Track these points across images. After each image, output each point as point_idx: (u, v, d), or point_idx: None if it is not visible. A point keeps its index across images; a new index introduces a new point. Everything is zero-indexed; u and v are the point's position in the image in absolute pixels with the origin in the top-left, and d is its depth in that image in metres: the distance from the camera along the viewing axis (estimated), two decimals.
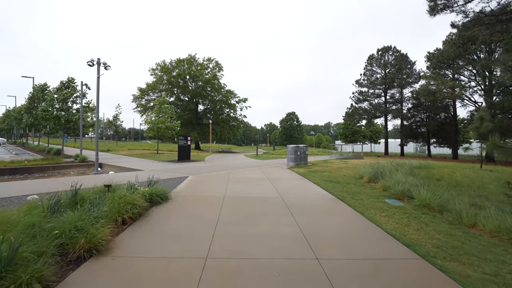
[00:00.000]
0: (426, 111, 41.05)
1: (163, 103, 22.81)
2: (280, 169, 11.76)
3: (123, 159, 17.32)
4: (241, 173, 10.22)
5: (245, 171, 10.62)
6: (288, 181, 8.57)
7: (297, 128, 73.35)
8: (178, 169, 11.30)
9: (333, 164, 14.89)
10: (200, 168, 11.88)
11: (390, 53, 40.16)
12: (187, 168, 11.82)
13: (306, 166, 12.85)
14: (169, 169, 11.52)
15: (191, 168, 12.08)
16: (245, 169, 11.34)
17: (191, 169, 11.60)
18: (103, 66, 10.68)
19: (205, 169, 11.69)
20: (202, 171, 10.72)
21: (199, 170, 11.17)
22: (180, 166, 12.86)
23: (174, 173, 9.81)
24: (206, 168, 11.93)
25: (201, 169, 11.65)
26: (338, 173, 10.98)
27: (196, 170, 11.15)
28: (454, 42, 27.83)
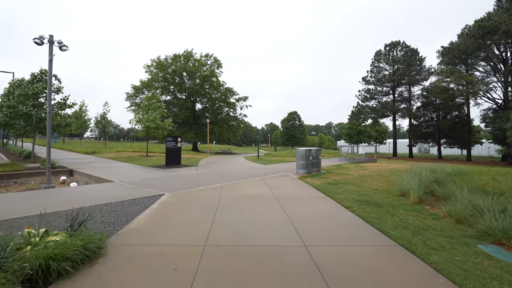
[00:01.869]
0: (437, 110, 38.37)
1: (152, 99, 20.15)
2: (289, 179, 9.10)
3: (103, 164, 14.70)
4: (238, 187, 7.56)
5: (243, 184, 7.96)
6: (306, 203, 5.89)
7: (299, 128, 70.56)
8: (157, 181, 8.66)
9: (351, 171, 12.24)
10: (187, 179, 9.24)
11: (398, 49, 37.49)
12: (170, 179, 9.17)
13: (320, 175, 10.19)
14: (147, 179, 8.88)
15: (176, 178, 9.44)
16: (244, 181, 8.68)
17: (175, 180, 8.95)
18: (58, 46, 8.03)
19: (193, 179, 9.04)
20: (187, 183, 8.07)
21: (184, 181, 8.52)
22: (163, 175, 10.21)
23: (148, 187, 7.17)
24: (194, 179, 9.28)
25: (187, 179, 9.00)
26: (366, 185, 8.32)
27: (181, 181, 8.51)
28: (473, 34, 25.12)
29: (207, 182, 8.16)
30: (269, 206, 5.39)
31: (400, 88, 38.83)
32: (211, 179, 8.92)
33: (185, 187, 7.21)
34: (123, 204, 5.29)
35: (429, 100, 38.34)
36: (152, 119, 19.59)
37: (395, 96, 37.98)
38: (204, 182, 8.31)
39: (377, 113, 36.30)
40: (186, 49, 34.70)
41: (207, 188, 7.14)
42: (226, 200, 5.83)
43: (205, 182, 8.31)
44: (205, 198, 5.96)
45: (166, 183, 8.09)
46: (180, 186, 7.38)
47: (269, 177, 9.55)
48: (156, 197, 6.00)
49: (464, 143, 36.94)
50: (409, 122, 39.84)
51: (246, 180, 8.73)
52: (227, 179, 9.00)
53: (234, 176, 9.72)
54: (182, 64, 33.93)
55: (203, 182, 8.18)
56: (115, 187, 7.37)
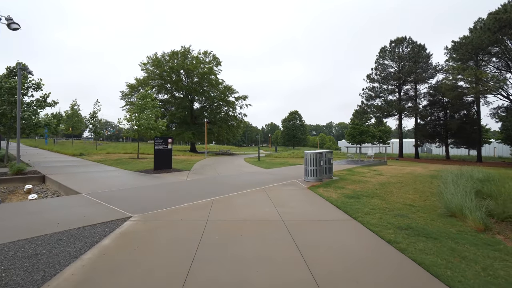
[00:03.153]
0: (444, 109, 36.56)
1: (145, 97, 18.41)
2: (297, 191, 7.35)
3: (86, 168, 12.98)
4: (233, 204, 5.81)
5: (240, 199, 6.19)
6: (328, 232, 4.10)
7: (300, 128, 68.65)
8: (134, 192, 6.90)
9: (366, 176, 10.49)
10: (172, 190, 7.49)
11: (404, 45, 35.67)
12: (151, 190, 7.42)
13: (333, 183, 8.44)
14: (123, 190, 7.13)
15: (159, 188, 7.69)
16: (242, 193, 6.91)
17: (157, 191, 7.20)
18: (6, 22, 6.29)
19: (179, 191, 7.29)
20: (169, 198, 6.33)
21: (166, 195, 6.78)
22: (145, 183, 8.47)
23: (116, 204, 5.42)
24: (180, 189, 7.53)
25: (171, 191, 7.25)
26: (395, 198, 6.56)
27: (162, 195, 6.77)
28: (489, 27, 23.32)
29: (195, 195, 6.42)
30: (276, 241, 3.63)
31: (406, 86, 37.05)
32: (201, 190, 7.18)
33: (163, 204, 5.47)
34: (60, 239, 3.54)
35: (436, 99, 36.54)
36: (145, 118, 17.88)
37: (401, 95, 36.18)
38: (192, 194, 6.57)
39: (383, 112, 34.48)
40: (184, 46, 32.96)
41: (191, 207, 5.39)
42: (214, 229, 4.07)
43: (192, 194, 6.57)
44: (184, 227, 4.21)
45: (143, 196, 6.34)
46: (157, 203, 5.64)
47: (272, 186, 7.80)
48: (117, 223, 4.26)
49: (473, 143, 35.16)
50: (415, 122, 38.04)
51: (244, 192, 6.97)
52: (221, 189, 7.25)
53: (230, 185, 7.98)
54: (179, 61, 32.21)
55: (190, 195, 6.44)
56: (75, 204, 5.64)
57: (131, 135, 17.96)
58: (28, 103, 14.00)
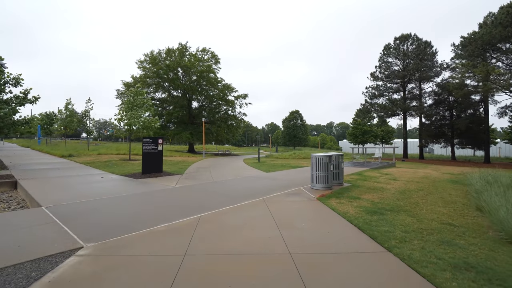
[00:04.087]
0: (450, 108, 35.23)
1: (137, 94, 17.13)
2: (305, 203, 6.05)
3: (69, 171, 11.71)
4: (224, 225, 4.51)
5: (234, 218, 4.88)
6: (358, 276, 2.82)
7: (301, 127, 67.21)
8: (109, 205, 5.61)
9: (380, 182, 9.20)
10: (153, 202, 6.21)
11: (409, 42, 34.36)
12: (129, 201, 6.14)
13: (346, 192, 7.15)
14: (95, 201, 5.83)
15: (138, 200, 6.41)
16: (237, 207, 5.62)
17: (134, 204, 5.92)
18: None
19: (161, 204, 6.01)
20: (144, 216, 5.04)
21: (143, 209, 5.49)
22: (126, 192, 7.16)
23: (74, 225, 4.14)
24: (163, 202, 6.25)
25: (152, 204, 5.96)
26: (425, 213, 5.27)
27: (138, 210, 5.48)
28: (500, 22, 22.01)
29: (179, 210, 5.14)
30: None
31: (411, 85, 35.75)
32: (187, 203, 5.90)
33: (134, 225, 4.18)
34: None
35: (441, 98, 35.24)
36: (136, 117, 16.61)
37: (405, 93, 34.87)
38: (175, 209, 5.29)
39: (387, 111, 33.14)
40: (180, 43, 31.66)
41: (169, 229, 4.10)
42: (192, 273, 2.77)
43: (176, 209, 5.29)
44: (149, 268, 2.91)
45: (114, 212, 5.06)
46: (128, 222, 4.36)
47: (274, 196, 6.51)
48: (55, 260, 2.98)
49: (479, 144, 33.87)
50: (419, 121, 36.75)
51: (240, 205, 5.68)
52: (212, 201, 5.97)
53: (224, 195, 6.69)
54: (177, 58, 30.92)
55: (172, 210, 5.16)
56: (23, 222, 4.36)
57: (122, 134, 16.68)
58: (6, 100, 12.72)
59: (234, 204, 5.65)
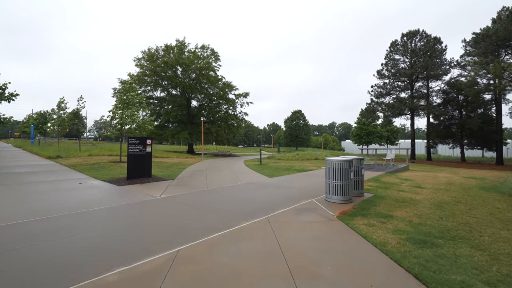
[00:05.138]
0: (460, 107, 33.61)
1: (129, 91, 15.70)
2: (323, 225, 4.55)
3: (45, 175, 10.29)
4: (211, 268, 3.02)
5: (227, 253, 3.40)
6: None
7: (303, 128, 65.55)
8: (61, 227, 4.10)
9: (405, 191, 7.69)
10: (121, 224, 4.73)
11: (417, 38, 32.76)
12: (92, 221, 4.65)
13: (372, 206, 5.66)
14: (47, 221, 4.36)
15: (104, 219, 4.94)
16: (232, 231, 4.13)
17: (95, 226, 4.43)
18: None
19: (130, 228, 4.52)
20: (98, 250, 3.57)
21: (102, 238, 4.03)
22: (96, 206, 5.67)
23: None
24: (133, 225, 4.78)
25: (118, 227, 4.49)
26: (492, 242, 3.78)
27: (94, 237, 4.01)
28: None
29: (150, 241, 3.67)
30: None
31: (418, 83, 34.15)
32: (166, 225, 4.42)
33: (76, 270, 2.73)
34: None
35: (450, 97, 33.64)
36: (129, 115, 15.22)
37: (413, 92, 33.28)
38: (145, 238, 3.82)
39: (394, 110, 31.54)
40: (178, 39, 30.26)
41: (125, 280, 2.64)
42: None
43: (146, 238, 3.82)
44: None
45: (57, 245, 3.60)
46: (70, 264, 2.91)
47: (281, 214, 5.02)
48: None
49: (491, 144, 32.24)
50: (427, 121, 35.14)
51: (236, 229, 4.19)
52: (199, 223, 4.50)
53: (216, 213, 5.22)
54: (175, 56, 29.51)
55: (140, 241, 3.68)
56: None
57: (113, 134, 15.28)
58: None
59: (228, 227, 4.18)
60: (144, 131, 15.59)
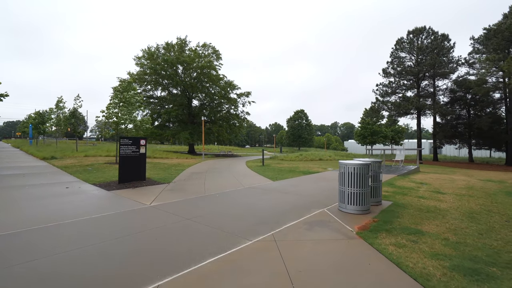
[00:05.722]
0: (467, 106, 32.57)
1: (126, 90, 14.96)
2: (343, 245, 3.73)
3: (34, 179, 9.57)
4: None
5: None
6: None
7: (306, 128, 64.49)
8: (13, 250, 3.37)
9: (425, 198, 6.83)
10: (91, 242, 3.94)
11: (424, 36, 31.76)
12: (53, 239, 3.87)
13: (394, 218, 4.81)
14: (2, 239, 3.65)
15: (71, 236, 4.14)
16: (229, 257, 3.32)
17: (57, 248, 3.66)
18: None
19: (101, 251, 3.71)
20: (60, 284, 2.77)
21: (51, 269, 3.22)
22: (75, 217, 4.86)
23: None
24: (107, 246, 3.96)
25: (86, 251, 3.69)
26: None
27: (39, 271, 3.21)
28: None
29: (121, 271, 2.87)
30: None
31: (425, 82, 33.15)
32: (150, 245, 3.60)
33: None
34: None
35: (458, 96, 32.61)
36: (126, 114, 14.46)
37: (419, 91, 32.28)
38: (116, 265, 3.01)
39: (401, 109, 30.56)
40: (179, 37, 29.52)
41: None
42: None
43: (118, 264, 3.01)
44: None
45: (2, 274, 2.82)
46: None
47: (289, 229, 4.19)
48: None
49: (500, 144, 31.18)
50: (433, 121, 34.11)
51: (235, 251, 3.38)
52: (189, 243, 3.69)
53: (212, 228, 4.41)
54: (175, 54, 28.77)
55: (106, 272, 2.89)
56: None
57: (107, 135, 14.53)
58: None
59: (225, 249, 3.36)
60: (142, 130, 14.83)
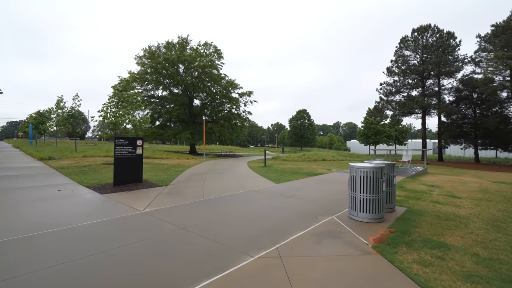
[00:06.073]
0: (474, 105, 31.89)
1: (125, 88, 14.53)
2: (359, 263, 3.24)
3: (24, 181, 9.16)
4: None
5: None
6: None
7: (309, 127, 63.86)
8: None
9: (441, 202, 6.31)
10: (66, 258, 3.48)
11: (428, 34, 31.11)
12: (28, 259, 3.44)
13: (412, 227, 4.30)
14: None
15: (40, 254, 3.70)
16: (226, 280, 2.83)
17: (16, 271, 3.21)
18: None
19: (75, 275, 3.28)
20: None
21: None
22: (56, 227, 4.42)
23: None
24: (84, 269, 3.51)
25: (62, 272, 3.24)
26: None
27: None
28: None
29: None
30: None
31: (429, 81, 32.50)
32: (133, 265, 3.14)
33: None
34: None
35: (463, 95, 31.92)
36: (125, 114, 14.04)
37: (424, 90, 31.63)
38: None
39: (405, 109, 29.94)
40: (181, 36, 29.11)
41: None
42: None
43: None
44: None
45: None
46: None
47: (296, 242, 3.69)
48: None
49: (507, 144, 30.50)
50: (438, 120, 33.47)
51: (233, 271, 2.89)
52: (181, 259, 3.21)
53: (208, 238, 3.92)
54: (177, 52, 28.35)
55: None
56: None
57: (105, 135, 14.13)
58: None
59: (223, 268, 2.88)
60: (141, 130, 14.41)
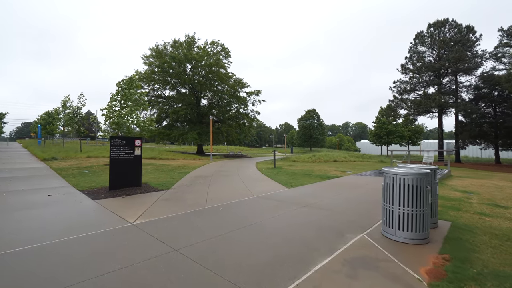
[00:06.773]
0: (494, 104, 30.07)
1: (129, 86, 13.87)
2: None
3: (19, 183, 8.55)
4: None
5: None
6: None
7: (318, 127, 62.42)
8: None
9: (487, 215, 5.21)
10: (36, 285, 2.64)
11: (446, 29, 29.50)
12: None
13: (469, 252, 3.29)
14: None
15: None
16: None
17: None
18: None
19: None
20: None
21: None
22: (30, 244, 3.68)
23: None
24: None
25: None
26: None
27: None
28: None
29: None
30: None
31: (446, 78, 30.85)
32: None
33: None
34: None
35: (482, 92, 30.13)
36: (125, 113, 13.40)
37: (441, 88, 30.02)
38: None
39: (421, 107, 28.43)
40: (187, 34, 28.49)
41: None
42: None
43: None
44: None
45: None
46: None
47: (322, 276, 2.78)
48: None
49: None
50: (455, 120, 31.75)
51: None
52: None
53: (205, 267, 3.05)
54: (184, 51, 27.74)
55: None
56: None
57: (107, 135, 13.51)
58: None
59: None
60: (144, 131, 13.73)
